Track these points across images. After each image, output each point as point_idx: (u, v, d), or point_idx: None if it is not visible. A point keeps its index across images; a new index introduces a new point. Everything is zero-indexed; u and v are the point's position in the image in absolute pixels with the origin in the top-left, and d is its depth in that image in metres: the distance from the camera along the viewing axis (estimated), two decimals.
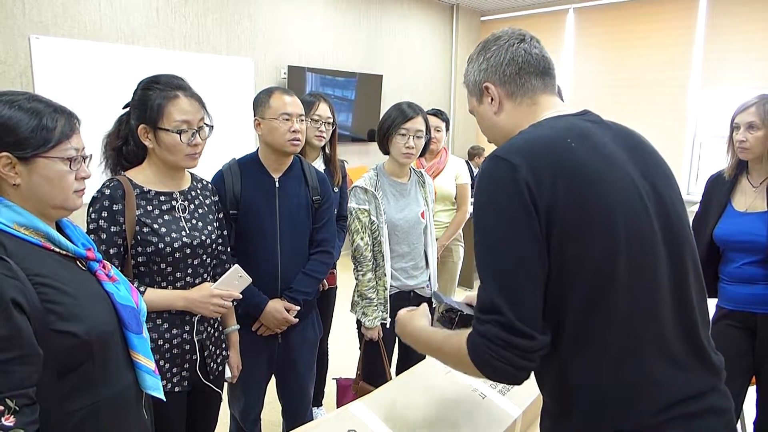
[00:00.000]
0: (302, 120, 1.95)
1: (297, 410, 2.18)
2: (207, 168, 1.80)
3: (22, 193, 1.06)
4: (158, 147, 1.52)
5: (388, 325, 2.21)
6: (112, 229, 1.48)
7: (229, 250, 1.80)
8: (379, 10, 6.33)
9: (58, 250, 1.10)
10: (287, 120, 1.89)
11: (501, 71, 1.11)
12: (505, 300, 0.91)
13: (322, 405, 2.90)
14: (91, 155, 1.18)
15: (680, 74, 6.00)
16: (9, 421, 0.92)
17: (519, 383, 0.95)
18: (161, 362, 1.55)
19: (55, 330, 1.01)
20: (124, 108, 1.61)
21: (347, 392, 2.37)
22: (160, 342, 1.55)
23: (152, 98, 1.50)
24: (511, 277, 0.93)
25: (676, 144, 6.06)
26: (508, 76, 1.11)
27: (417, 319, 1.27)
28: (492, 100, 1.13)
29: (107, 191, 1.49)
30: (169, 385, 1.57)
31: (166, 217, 1.56)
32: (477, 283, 3.92)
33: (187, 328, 1.60)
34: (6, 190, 1.06)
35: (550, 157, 0.96)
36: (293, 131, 1.90)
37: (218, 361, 1.73)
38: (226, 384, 1.87)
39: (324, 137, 2.52)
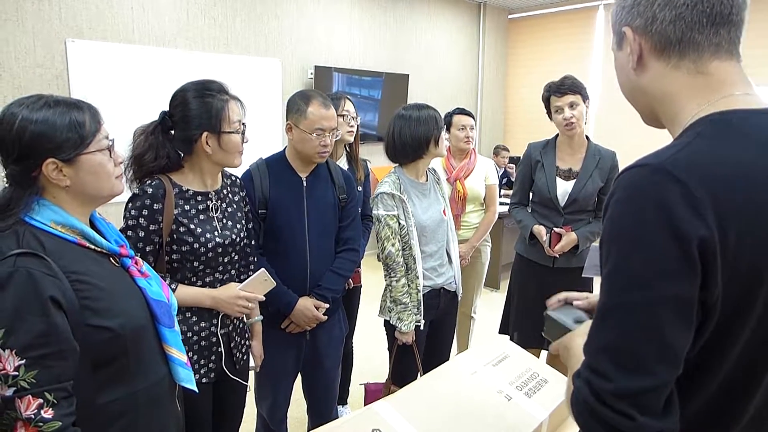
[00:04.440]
0: (333, 132, 1.95)
1: (323, 407, 2.19)
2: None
3: (73, 191, 1.10)
4: (220, 150, 1.56)
5: (422, 327, 2.21)
6: (150, 228, 1.51)
7: (253, 243, 1.82)
8: (406, 10, 6.32)
9: (92, 246, 1.13)
10: (320, 135, 1.90)
11: (650, 14, 0.78)
12: (613, 363, 0.69)
13: (347, 404, 2.91)
14: (113, 139, 1.19)
15: None
16: (48, 413, 0.96)
17: None
18: (190, 354, 1.59)
19: (90, 325, 1.05)
20: (162, 126, 1.56)
21: (377, 396, 2.35)
22: (189, 334, 1.59)
23: (212, 105, 1.53)
24: (632, 338, 0.69)
25: None
26: (659, 24, 0.77)
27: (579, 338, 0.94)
28: (631, 51, 0.82)
29: (149, 190, 1.51)
30: (197, 376, 1.60)
31: (201, 216, 1.60)
32: (504, 284, 3.88)
33: (214, 321, 1.64)
34: (55, 193, 1.09)
35: (748, 203, 0.68)
36: (323, 145, 1.91)
37: (243, 350, 1.77)
38: (253, 381, 1.89)
39: (353, 132, 2.55)
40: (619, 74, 0.89)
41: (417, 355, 2.21)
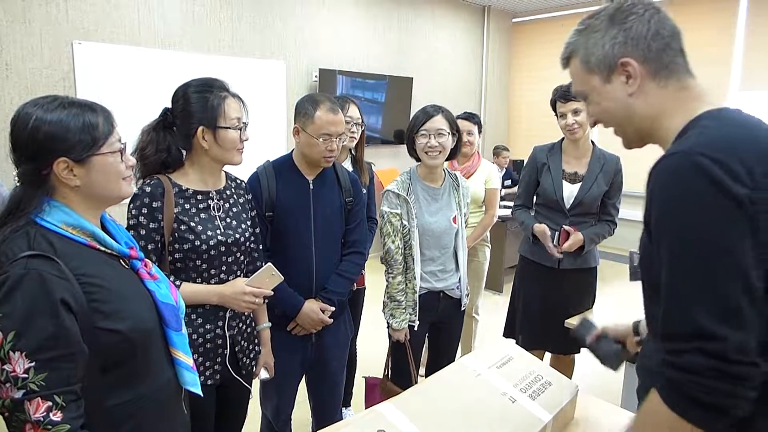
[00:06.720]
0: (340, 137, 1.95)
1: (327, 409, 2.20)
2: (240, 168, 1.83)
3: (83, 192, 1.11)
4: (216, 146, 1.58)
5: (416, 328, 2.21)
6: (151, 226, 1.52)
7: (261, 247, 1.83)
8: (410, 13, 6.34)
9: (103, 248, 1.13)
10: (326, 140, 1.90)
11: (645, 45, 0.95)
12: (717, 321, 0.75)
13: (350, 405, 2.92)
14: (125, 143, 1.21)
15: (719, 76, 5.83)
16: (57, 416, 0.96)
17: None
18: (195, 356, 1.59)
19: (100, 328, 1.04)
20: (163, 122, 1.61)
21: (375, 390, 2.39)
22: (194, 336, 1.59)
23: (209, 101, 1.56)
24: (724, 289, 0.75)
25: None
26: (654, 52, 0.95)
27: None
28: (629, 78, 0.97)
29: (148, 189, 1.53)
30: (202, 378, 1.61)
31: (202, 215, 1.60)
32: (507, 287, 3.91)
33: (219, 323, 1.64)
34: (65, 193, 1.10)
35: (762, 150, 0.82)
36: (330, 150, 1.91)
37: (251, 356, 1.77)
38: (258, 382, 1.90)
39: (355, 137, 2.56)
40: (604, 104, 1.03)
41: (410, 355, 2.22)
